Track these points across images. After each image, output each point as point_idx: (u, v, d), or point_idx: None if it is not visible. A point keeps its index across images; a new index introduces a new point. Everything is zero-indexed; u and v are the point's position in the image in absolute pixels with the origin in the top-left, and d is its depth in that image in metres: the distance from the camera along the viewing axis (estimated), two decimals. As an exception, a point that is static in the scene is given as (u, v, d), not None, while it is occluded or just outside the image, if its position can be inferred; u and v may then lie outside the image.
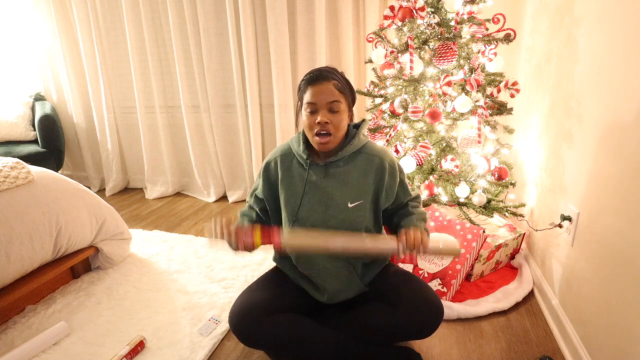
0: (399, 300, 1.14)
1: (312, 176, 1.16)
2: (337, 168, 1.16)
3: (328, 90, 1.08)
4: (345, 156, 1.16)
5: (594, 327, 1.12)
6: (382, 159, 1.17)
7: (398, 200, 1.24)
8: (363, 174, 1.16)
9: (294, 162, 1.20)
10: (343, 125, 1.13)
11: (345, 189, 1.15)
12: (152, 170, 3.03)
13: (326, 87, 1.09)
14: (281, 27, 2.38)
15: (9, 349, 1.35)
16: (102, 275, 1.81)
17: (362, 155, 1.17)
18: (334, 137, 1.11)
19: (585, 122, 1.23)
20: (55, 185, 1.68)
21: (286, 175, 1.20)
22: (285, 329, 1.13)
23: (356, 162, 1.17)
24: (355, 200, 1.15)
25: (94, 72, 2.89)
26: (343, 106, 1.11)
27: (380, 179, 1.17)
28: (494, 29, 1.63)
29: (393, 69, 1.73)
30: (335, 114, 1.10)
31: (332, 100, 1.08)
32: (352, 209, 1.15)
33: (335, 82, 1.10)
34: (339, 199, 1.15)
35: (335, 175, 1.16)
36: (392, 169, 1.18)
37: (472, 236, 1.54)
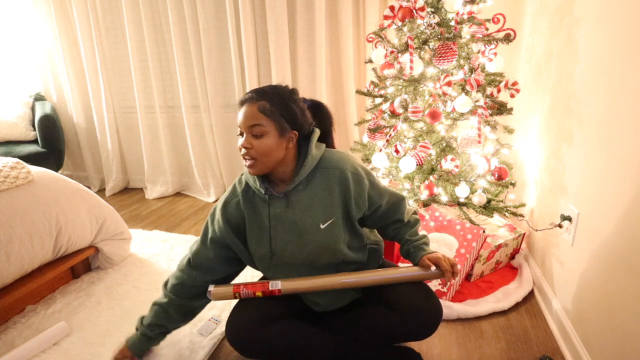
0: (398, 301, 1.13)
1: (275, 209, 1.11)
2: (298, 194, 1.10)
3: (250, 114, 1.02)
4: (302, 179, 1.09)
5: (594, 327, 1.12)
6: (342, 169, 1.10)
7: (374, 204, 1.17)
8: (327, 192, 1.10)
9: (256, 197, 1.14)
10: (270, 151, 1.03)
11: (313, 212, 1.10)
12: (152, 170, 3.03)
13: (249, 110, 1.03)
14: (281, 27, 2.38)
15: (9, 349, 1.35)
16: (102, 275, 1.81)
17: (321, 170, 1.10)
18: (260, 163, 1.04)
19: (585, 122, 1.23)
20: (55, 185, 1.68)
21: (251, 212, 1.14)
22: (284, 337, 1.12)
23: (316, 181, 1.10)
24: (326, 221, 1.11)
25: (94, 72, 2.89)
26: (268, 129, 1.02)
27: (346, 191, 1.10)
28: (494, 29, 1.63)
29: (393, 69, 1.73)
30: (259, 138, 1.02)
31: (252, 124, 1.02)
32: (325, 230, 1.11)
33: (263, 104, 1.02)
34: (309, 224, 1.10)
35: (298, 202, 1.10)
36: (355, 176, 1.11)
37: (472, 236, 1.54)
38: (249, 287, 1.15)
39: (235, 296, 1.15)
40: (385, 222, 1.23)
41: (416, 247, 1.16)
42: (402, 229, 1.21)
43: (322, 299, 1.22)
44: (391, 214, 1.21)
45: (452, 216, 1.68)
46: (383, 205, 1.18)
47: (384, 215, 1.21)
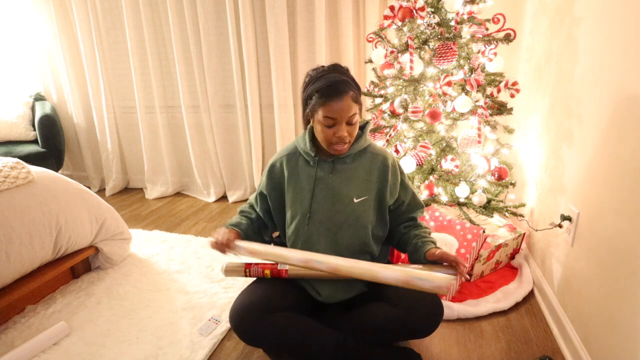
0: (399, 300, 1.14)
1: (319, 172, 1.21)
2: (344, 164, 1.21)
3: (347, 106, 1.09)
4: (352, 154, 1.21)
5: (594, 327, 1.12)
6: (385, 157, 1.23)
7: (399, 199, 1.27)
8: (368, 172, 1.21)
9: (300, 160, 1.24)
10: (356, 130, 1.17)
11: (351, 185, 1.20)
12: (152, 170, 3.03)
13: (345, 102, 1.09)
14: (281, 27, 2.38)
15: (9, 349, 1.35)
16: (102, 275, 1.81)
17: (367, 154, 1.23)
18: (350, 142, 1.16)
19: (585, 122, 1.23)
20: (55, 185, 1.68)
21: (293, 174, 1.24)
22: (285, 328, 1.13)
23: (361, 160, 1.22)
24: (360, 196, 1.20)
25: (94, 72, 2.89)
26: (358, 115, 1.15)
27: (384, 177, 1.21)
28: (494, 29, 1.63)
29: (393, 69, 1.73)
30: (352, 125, 1.13)
31: (351, 115, 1.11)
32: (357, 204, 1.20)
33: (352, 94, 1.11)
34: (345, 194, 1.20)
35: (342, 171, 1.21)
36: (394, 168, 1.24)
37: (472, 236, 1.54)
38: (260, 265, 1.24)
39: (245, 273, 1.24)
40: (400, 220, 1.31)
41: (424, 242, 1.20)
42: (413, 228, 1.28)
43: (325, 290, 1.23)
44: (408, 213, 1.30)
45: (452, 216, 1.68)
46: (405, 204, 1.29)
47: (402, 214, 1.30)
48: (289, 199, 1.25)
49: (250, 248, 1.17)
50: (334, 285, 1.22)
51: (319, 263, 1.11)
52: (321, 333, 1.17)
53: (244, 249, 1.18)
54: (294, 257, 1.14)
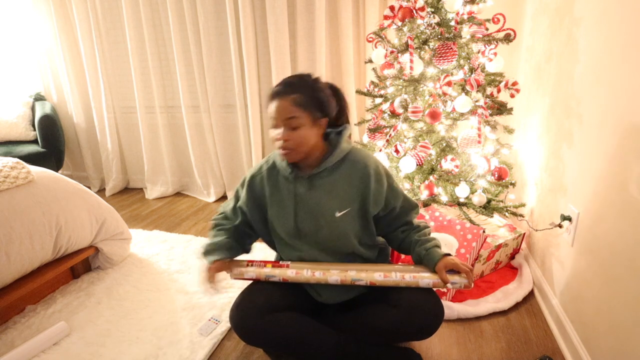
0: (400, 301, 1.14)
1: (299, 188, 1.17)
2: (322, 179, 1.16)
3: (285, 107, 1.06)
4: (329, 166, 1.15)
5: (594, 327, 1.12)
6: (366, 165, 1.16)
7: (390, 205, 1.21)
8: (348, 182, 1.15)
9: (280, 176, 1.20)
10: (306, 141, 1.10)
11: (332, 199, 1.15)
12: (152, 170, 3.03)
13: (283, 103, 1.07)
14: (281, 27, 2.38)
15: (9, 349, 1.35)
16: (102, 275, 1.81)
17: (346, 163, 1.17)
18: (295, 152, 1.10)
19: (585, 122, 1.23)
20: (55, 185, 1.68)
21: (274, 190, 1.20)
22: (285, 327, 1.13)
23: (340, 171, 1.16)
24: (342, 209, 1.15)
25: (94, 72, 2.89)
26: (304, 121, 1.08)
27: (366, 186, 1.15)
28: (494, 29, 1.63)
29: (393, 69, 1.73)
30: (294, 130, 1.08)
31: (288, 117, 1.06)
32: (339, 218, 1.16)
33: (296, 97, 1.07)
34: (326, 209, 1.15)
35: (321, 186, 1.16)
36: (377, 174, 1.17)
37: (472, 236, 1.54)
38: (261, 261, 1.24)
39: (247, 264, 1.23)
40: (396, 225, 1.25)
41: (428, 249, 1.15)
42: (412, 232, 1.23)
43: (325, 290, 1.24)
44: (402, 216, 1.24)
45: (452, 216, 1.68)
46: (397, 208, 1.22)
47: (396, 219, 1.24)
48: (272, 215, 1.22)
49: (244, 277, 1.20)
50: (335, 286, 1.22)
51: (318, 275, 1.15)
52: (321, 333, 1.17)
53: (237, 276, 1.21)
54: (290, 276, 1.17)
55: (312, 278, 1.16)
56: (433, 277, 1.12)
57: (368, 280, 1.14)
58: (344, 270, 1.16)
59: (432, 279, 1.12)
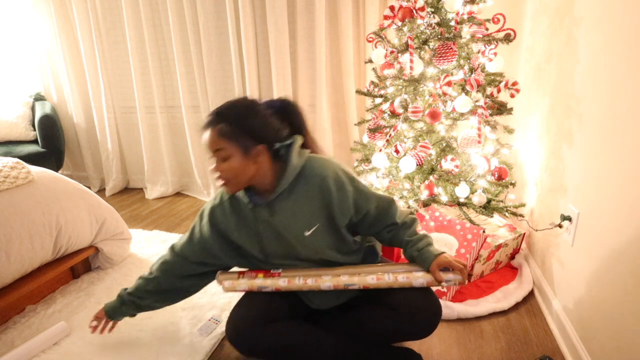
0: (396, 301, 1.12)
1: (260, 217, 1.12)
2: (281, 202, 1.09)
3: (211, 139, 1.02)
4: (285, 188, 1.08)
5: (594, 327, 1.12)
6: (322, 177, 1.07)
7: (362, 210, 1.13)
8: (309, 199, 1.08)
9: (241, 204, 1.15)
10: (240, 172, 1.04)
11: (297, 220, 1.10)
12: (152, 170, 3.03)
13: (210, 135, 1.03)
14: (281, 27, 2.38)
15: (9, 349, 1.35)
16: (102, 275, 1.81)
17: (303, 179, 1.08)
18: (231, 184, 1.05)
19: (585, 122, 1.23)
20: (55, 185, 1.68)
21: (239, 219, 1.15)
22: (283, 336, 1.12)
23: (298, 190, 1.09)
24: (310, 227, 1.10)
25: (94, 72, 2.89)
26: (232, 152, 1.02)
27: (328, 198, 1.08)
28: (494, 29, 1.63)
29: (393, 69, 1.73)
30: (224, 161, 1.02)
31: (215, 149, 1.02)
32: (310, 237, 1.11)
33: (221, 128, 1.01)
34: (294, 231, 1.11)
35: (282, 210, 1.10)
36: (338, 183, 1.08)
37: (472, 236, 1.54)
38: (253, 271, 1.21)
39: (238, 276, 1.21)
40: (378, 227, 1.19)
41: (420, 250, 1.12)
42: (400, 231, 1.18)
43: (317, 297, 1.22)
44: (382, 218, 1.17)
45: (452, 216, 1.68)
46: (372, 211, 1.15)
47: (375, 221, 1.17)
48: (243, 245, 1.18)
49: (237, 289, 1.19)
50: (326, 291, 1.19)
51: (310, 283, 1.13)
52: (320, 339, 1.16)
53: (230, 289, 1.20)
54: (282, 286, 1.15)
55: (304, 286, 1.13)
56: (426, 277, 1.09)
57: (361, 284, 1.11)
58: (336, 276, 1.13)
59: (425, 278, 1.09)
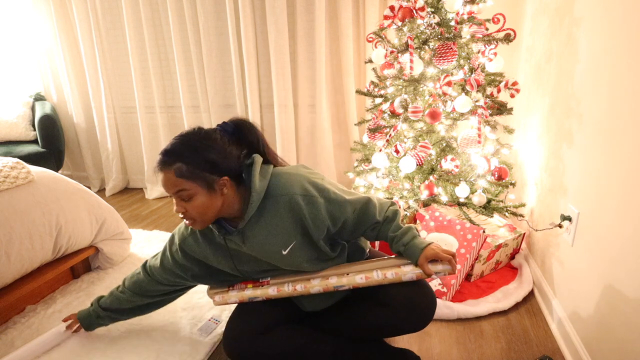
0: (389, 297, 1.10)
1: (233, 245, 1.10)
2: (252, 228, 1.05)
3: (169, 181, 0.97)
4: (253, 216, 1.04)
5: (594, 327, 1.12)
6: (290, 195, 1.03)
7: (338, 219, 1.08)
8: (280, 220, 1.04)
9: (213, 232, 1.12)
10: (206, 209, 1.00)
11: (272, 242, 1.06)
12: (152, 170, 3.02)
13: (167, 176, 0.97)
14: (281, 27, 2.38)
15: (9, 349, 1.35)
16: (102, 275, 1.81)
17: (270, 199, 1.04)
18: (200, 221, 1.02)
19: (585, 122, 1.23)
20: (55, 185, 1.68)
21: (211, 246, 1.14)
22: (281, 344, 1.12)
23: (267, 212, 1.04)
24: (287, 246, 1.07)
25: (94, 72, 2.89)
26: (195, 190, 0.98)
27: (300, 216, 1.04)
28: (494, 29, 1.63)
29: (393, 69, 1.73)
30: (188, 201, 0.98)
31: (176, 191, 0.98)
32: (288, 255, 1.08)
33: (178, 168, 0.96)
34: (271, 252, 1.08)
35: (255, 235, 1.06)
36: (306, 198, 1.03)
37: (472, 236, 1.54)
38: (242, 282, 1.21)
39: (228, 289, 1.21)
40: (361, 230, 1.14)
41: (407, 244, 1.09)
42: (382, 227, 1.14)
43: (307, 301, 1.21)
44: (363, 221, 1.12)
45: (452, 216, 1.68)
46: (350, 217, 1.09)
47: (356, 226, 1.12)
48: (220, 268, 1.17)
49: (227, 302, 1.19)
50: (316, 295, 1.19)
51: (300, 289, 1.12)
52: (317, 341, 1.16)
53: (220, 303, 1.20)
54: (272, 294, 1.14)
55: (294, 292, 1.13)
56: (415, 270, 1.07)
57: (350, 285, 1.10)
58: (324, 279, 1.12)
59: (414, 272, 1.08)
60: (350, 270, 1.14)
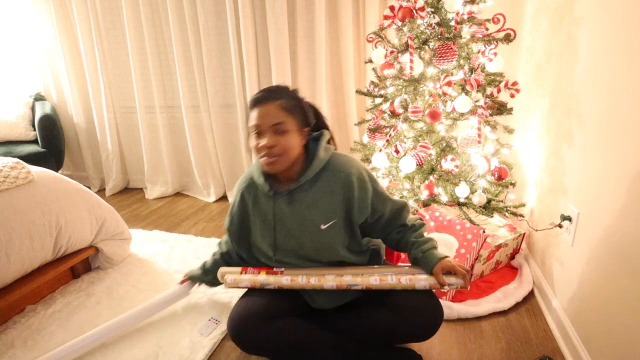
0: (398, 303, 1.12)
1: (279, 206, 1.13)
2: (303, 192, 1.11)
3: (272, 112, 1.04)
4: (308, 179, 1.11)
5: (594, 327, 1.12)
6: (348, 173, 1.10)
7: (377, 212, 1.16)
8: (330, 192, 1.11)
9: (259, 192, 1.17)
10: (292, 148, 1.07)
11: (315, 212, 1.11)
12: (152, 170, 3.03)
13: (269, 108, 1.04)
14: (281, 27, 2.38)
15: (9, 349, 1.35)
16: (102, 275, 1.81)
17: (327, 172, 1.11)
18: (282, 159, 1.06)
19: (585, 122, 1.23)
20: (55, 185, 1.68)
21: (255, 206, 1.18)
22: (284, 334, 1.12)
23: (322, 182, 1.11)
24: (327, 221, 1.12)
25: (94, 72, 2.89)
26: (291, 126, 1.06)
27: (349, 194, 1.11)
28: (494, 29, 1.63)
29: (393, 69, 1.73)
30: (282, 135, 1.05)
31: (275, 122, 1.04)
32: (325, 231, 1.12)
33: (282, 102, 1.05)
34: (310, 223, 1.12)
35: (302, 200, 1.11)
36: (360, 181, 1.12)
37: (472, 236, 1.54)
38: (256, 268, 1.24)
39: (242, 271, 1.23)
40: (389, 229, 1.21)
41: (425, 252, 1.13)
42: (407, 232, 1.20)
43: (319, 297, 1.23)
44: (394, 220, 1.20)
45: (452, 216, 1.68)
46: (386, 214, 1.18)
47: (387, 224, 1.20)
48: (256, 233, 1.21)
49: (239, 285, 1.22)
50: (329, 291, 1.20)
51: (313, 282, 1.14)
52: (320, 338, 1.16)
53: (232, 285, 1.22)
54: (285, 284, 1.16)
55: (307, 285, 1.14)
56: (429, 280, 1.10)
57: (364, 285, 1.12)
58: (339, 276, 1.14)
59: (428, 280, 1.10)
60: (365, 271, 1.16)
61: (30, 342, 1.39)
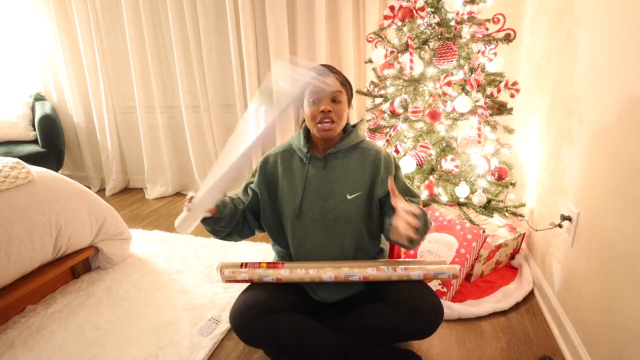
0: (399, 300, 1.14)
1: (311, 170, 1.22)
2: (336, 160, 1.22)
3: (336, 83, 1.16)
4: (344, 149, 1.22)
5: (594, 327, 1.12)
6: (378, 151, 1.24)
7: None
8: (361, 166, 1.22)
9: (294, 158, 1.26)
10: (344, 116, 1.19)
11: (344, 181, 1.21)
12: (152, 170, 3.03)
13: (333, 80, 1.16)
14: (281, 27, 2.38)
15: (9, 349, 1.35)
16: (102, 275, 1.81)
17: (359, 149, 1.24)
18: (337, 125, 1.17)
19: (585, 122, 1.23)
20: (55, 185, 1.68)
21: (287, 171, 1.25)
22: (286, 328, 1.13)
23: (353, 155, 1.23)
24: (353, 192, 1.20)
25: (94, 72, 2.89)
26: (344, 97, 1.18)
27: (376, 170, 1.21)
28: (494, 29, 1.63)
29: (393, 69, 1.73)
30: (337, 103, 1.16)
31: (336, 91, 1.16)
32: (350, 201, 1.20)
33: (338, 77, 1.19)
34: (338, 191, 1.20)
35: (334, 167, 1.22)
36: (387, 161, 1.24)
37: (472, 236, 1.54)
38: (255, 262, 1.25)
39: (241, 266, 1.24)
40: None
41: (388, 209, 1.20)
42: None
43: (321, 289, 1.24)
44: None
45: (452, 216, 1.68)
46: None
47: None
48: (282, 196, 1.24)
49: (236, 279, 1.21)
50: (330, 284, 1.22)
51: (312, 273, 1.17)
52: (321, 333, 1.17)
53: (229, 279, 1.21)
54: (284, 275, 1.18)
55: (306, 276, 1.17)
56: (423, 269, 1.17)
57: (361, 275, 1.17)
58: (337, 267, 1.18)
59: (422, 271, 1.17)
60: (364, 264, 1.20)
61: (30, 342, 1.39)
